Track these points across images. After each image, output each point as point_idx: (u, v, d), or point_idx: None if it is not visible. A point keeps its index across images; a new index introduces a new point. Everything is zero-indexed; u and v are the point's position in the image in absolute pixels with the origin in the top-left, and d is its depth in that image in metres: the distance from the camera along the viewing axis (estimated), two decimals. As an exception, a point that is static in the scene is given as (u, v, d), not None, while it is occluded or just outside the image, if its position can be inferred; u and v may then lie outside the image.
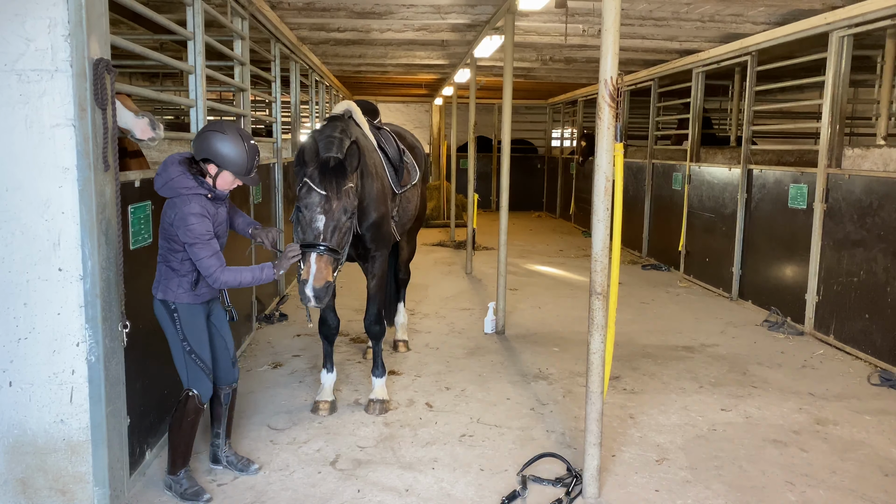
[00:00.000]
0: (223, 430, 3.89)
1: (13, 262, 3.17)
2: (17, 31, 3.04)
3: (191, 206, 3.34)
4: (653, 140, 11.32)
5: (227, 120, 3.53)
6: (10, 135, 3.09)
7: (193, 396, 3.57)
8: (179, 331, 3.50)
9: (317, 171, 3.89)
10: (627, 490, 3.80)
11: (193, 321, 3.52)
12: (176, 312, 3.49)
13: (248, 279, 3.45)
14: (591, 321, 3.59)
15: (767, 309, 7.52)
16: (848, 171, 6.43)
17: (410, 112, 20.59)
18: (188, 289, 3.48)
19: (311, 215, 3.86)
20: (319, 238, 3.82)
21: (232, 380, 3.84)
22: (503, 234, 6.92)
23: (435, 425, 4.60)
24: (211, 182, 3.47)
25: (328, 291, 3.78)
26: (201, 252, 3.34)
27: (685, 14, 7.12)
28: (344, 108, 4.86)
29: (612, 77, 3.37)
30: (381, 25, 7.95)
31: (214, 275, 3.36)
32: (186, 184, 3.38)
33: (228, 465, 3.91)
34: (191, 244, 3.34)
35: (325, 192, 3.85)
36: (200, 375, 3.57)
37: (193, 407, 3.59)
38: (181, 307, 3.48)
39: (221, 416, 3.88)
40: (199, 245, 3.33)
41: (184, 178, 3.39)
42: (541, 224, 16.32)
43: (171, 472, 3.64)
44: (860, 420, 4.80)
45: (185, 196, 3.37)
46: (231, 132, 3.47)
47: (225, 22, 5.40)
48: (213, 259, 3.36)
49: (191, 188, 3.39)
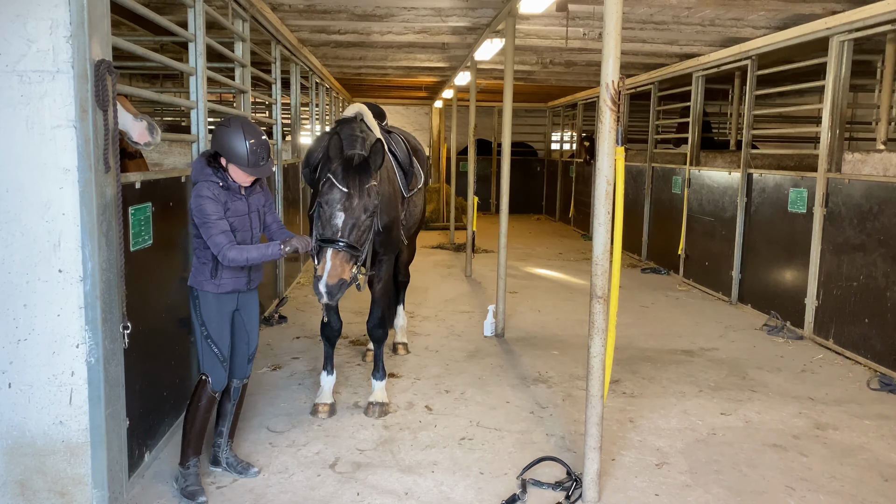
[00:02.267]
0: (227, 428, 3.91)
1: (13, 264, 3.16)
2: (18, 33, 3.04)
3: (202, 190, 3.52)
4: (653, 144, 11.32)
5: (239, 115, 3.63)
6: (11, 136, 3.09)
7: (206, 381, 3.66)
8: (199, 315, 3.64)
9: (340, 167, 3.91)
10: (627, 494, 3.79)
11: (213, 309, 3.64)
12: (197, 298, 3.63)
13: (255, 256, 3.53)
14: (592, 325, 3.58)
15: (767, 313, 7.52)
16: (848, 176, 6.44)
17: (410, 115, 20.60)
18: (208, 276, 3.60)
19: (330, 211, 3.87)
20: (337, 234, 3.84)
21: (244, 375, 3.90)
22: (503, 237, 6.92)
23: (434, 428, 4.59)
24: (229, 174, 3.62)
25: (341, 289, 3.80)
26: (210, 230, 3.47)
27: (686, 18, 7.13)
28: (355, 110, 4.87)
29: (614, 80, 3.38)
30: (381, 28, 7.96)
31: (222, 251, 3.47)
32: (204, 171, 3.59)
33: (228, 468, 3.90)
34: (201, 223, 3.49)
35: (347, 189, 3.88)
36: (214, 362, 3.66)
37: (206, 392, 3.67)
38: (202, 294, 3.62)
39: (228, 413, 3.90)
40: (208, 224, 3.47)
41: (201, 167, 3.60)
42: (540, 227, 16.33)
43: (181, 463, 3.70)
44: (860, 425, 4.80)
45: (201, 182, 3.57)
46: (234, 125, 3.56)
47: (226, 24, 5.40)
48: (220, 237, 3.47)
49: (207, 175, 3.57)
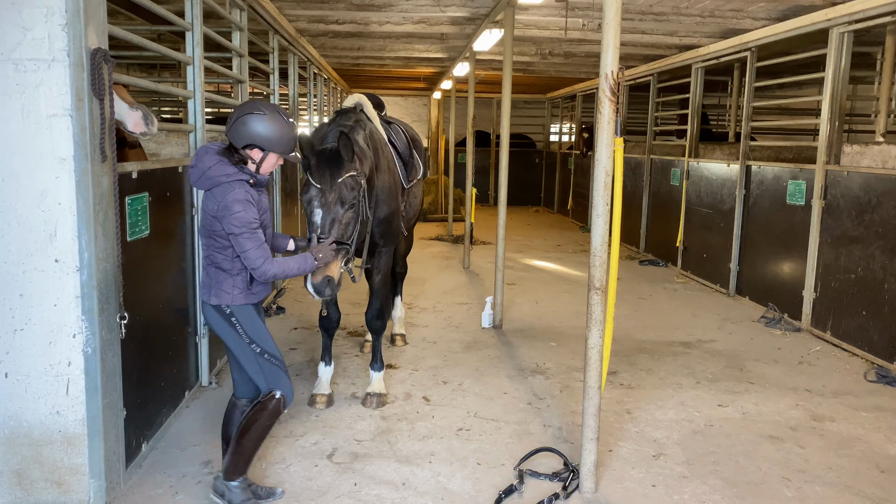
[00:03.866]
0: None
1: (9, 253, 3.15)
2: (13, 20, 3.01)
3: (234, 193, 3.12)
4: (651, 135, 11.31)
5: (257, 100, 3.42)
6: (7, 125, 3.07)
7: (280, 399, 3.32)
8: (243, 334, 3.27)
9: (314, 163, 3.87)
10: (624, 485, 3.80)
11: (253, 319, 3.31)
12: (233, 316, 3.26)
13: (294, 270, 3.31)
14: (590, 316, 3.58)
15: (765, 305, 7.53)
16: (846, 168, 6.43)
17: (409, 106, 20.54)
18: (244, 288, 3.26)
19: (309, 209, 3.85)
20: (317, 232, 3.81)
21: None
22: (501, 229, 6.91)
23: (432, 419, 4.59)
24: (254, 168, 3.27)
25: (330, 285, 3.76)
26: (247, 243, 3.13)
27: (685, 9, 7.10)
28: (355, 101, 4.84)
29: (613, 71, 3.36)
30: (379, 18, 7.92)
31: (262, 268, 3.14)
32: (226, 170, 3.17)
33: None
34: (237, 234, 3.12)
35: (320, 185, 3.83)
36: (279, 374, 3.34)
37: (276, 410, 3.33)
38: (237, 309, 3.26)
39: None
40: (245, 235, 3.12)
41: (223, 166, 3.18)
42: (539, 219, 16.31)
43: (229, 478, 3.37)
44: (856, 416, 4.81)
45: (227, 183, 3.15)
46: (269, 110, 3.22)
47: (223, 13, 5.37)
48: (259, 250, 3.15)
49: (231, 174, 3.17)
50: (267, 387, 3.33)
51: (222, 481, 3.40)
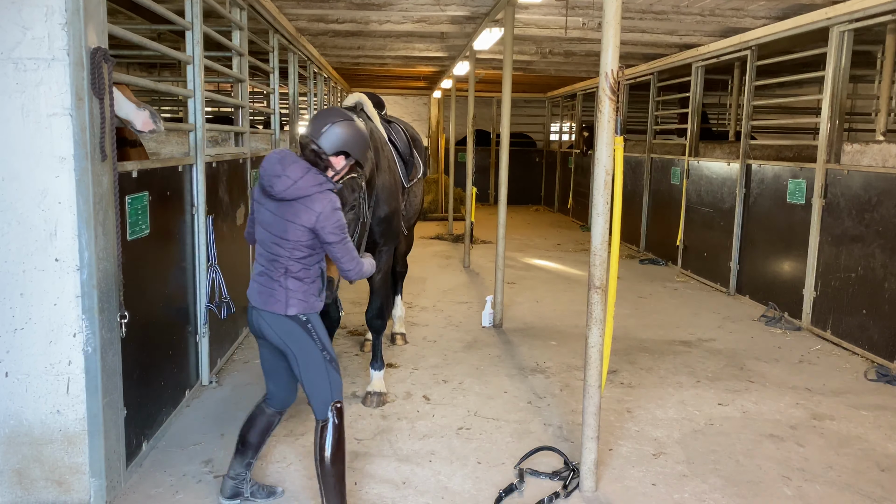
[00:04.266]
0: (256, 460, 3.50)
1: (9, 252, 3.15)
2: (13, 19, 3.01)
3: (334, 202, 3.08)
4: (651, 134, 11.31)
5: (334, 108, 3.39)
6: (7, 124, 3.07)
7: (343, 408, 3.25)
8: (318, 341, 3.19)
9: None
10: (624, 484, 3.80)
11: (323, 326, 3.26)
12: (310, 323, 3.19)
13: (369, 270, 3.33)
14: (590, 315, 3.58)
15: (765, 304, 7.53)
16: (847, 167, 6.43)
17: (409, 105, 20.53)
18: (317, 295, 3.23)
19: None
20: None
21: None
22: (501, 228, 6.91)
23: (432, 418, 4.60)
24: (331, 174, 3.25)
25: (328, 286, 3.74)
26: (349, 247, 3.14)
27: (685, 8, 7.10)
28: (355, 100, 4.84)
29: (613, 70, 3.36)
30: (379, 17, 7.92)
31: (364, 269, 3.21)
32: (317, 180, 3.09)
33: (252, 497, 3.49)
34: (336, 242, 3.09)
35: None
36: (340, 381, 3.27)
37: (344, 422, 3.26)
38: (313, 316, 3.21)
39: (265, 443, 3.48)
40: (345, 241, 3.11)
41: (313, 175, 3.09)
42: (539, 218, 16.31)
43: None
44: (856, 415, 4.81)
45: (320, 194, 3.07)
46: (349, 118, 3.25)
47: (223, 12, 5.37)
48: (354, 253, 3.18)
49: (322, 183, 3.10)
50: (331, 397, 3.20)
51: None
